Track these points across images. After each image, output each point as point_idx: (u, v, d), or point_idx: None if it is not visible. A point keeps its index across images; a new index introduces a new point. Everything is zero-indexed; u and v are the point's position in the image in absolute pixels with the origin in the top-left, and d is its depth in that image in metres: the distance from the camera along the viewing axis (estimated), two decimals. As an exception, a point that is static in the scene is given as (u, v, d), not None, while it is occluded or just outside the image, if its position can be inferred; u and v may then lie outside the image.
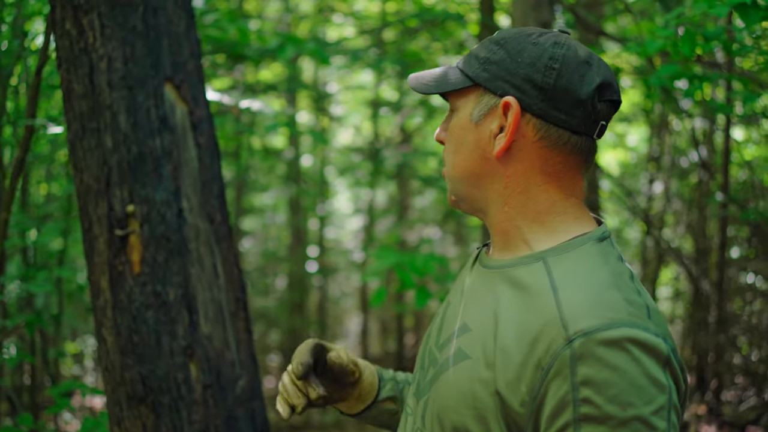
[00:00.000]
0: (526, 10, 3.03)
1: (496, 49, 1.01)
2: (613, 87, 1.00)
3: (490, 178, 1.02)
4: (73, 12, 1.63)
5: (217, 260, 1.75)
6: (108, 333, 1.65)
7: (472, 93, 1.03)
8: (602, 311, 0.87)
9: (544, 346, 0.88)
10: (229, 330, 1.75)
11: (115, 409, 1.66)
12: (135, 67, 1.65)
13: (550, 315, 0.89)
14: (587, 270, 0.93)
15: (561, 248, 0.97)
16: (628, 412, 0.83)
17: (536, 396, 0.87)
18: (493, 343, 0.94)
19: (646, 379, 0.84)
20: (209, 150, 1.78)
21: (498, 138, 1.00)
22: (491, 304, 0.98)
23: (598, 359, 0.84)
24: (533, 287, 0.94)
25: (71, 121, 1.67)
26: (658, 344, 0.86)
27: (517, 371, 0.89)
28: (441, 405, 0.99)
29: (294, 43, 3.31)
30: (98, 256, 1.66)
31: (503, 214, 1.02)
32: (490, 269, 1.04)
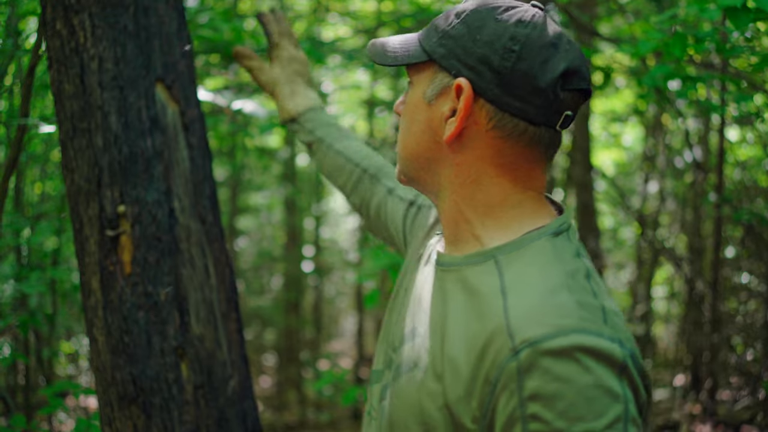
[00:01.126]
0: (519, 11, 3.04)
1: (456, 22, 0.91)
2: (581, 74, 0.89)
3: (439, 163, 0.95)
4: (63, 12, 1.63)
5: (209, 261, 1.75)
6: (99, 333, 1.65)
7: (428, 69, 0.94)
8: (550, 318, 0.80)
9: (490, 357, 0.81)
10: (221, 330, 1.75)
11: (106, 409, 1.66)
12: (126, 68, 1.65)
13: (496, 323, 0.82)
14: (538, 270, 0.86)
15: (513, 245, 0.89)
16: (578, 427, 0.76)
17: (486, 412, 0.81)
18: (440, 353, 0.88)
19: (597, 390, 0.76)
20: (201, 150, 1.78)
21: (449, 122, 0.91)
22: (440, 308, 0.92)
23: (545, 371, 0.77)
24: (483, 291, 0.87)
25: (62, 121, 1.67)
26: (612, 351, 0.78)
27: (467, 386, 0.83)
28: (393, 415, 0.94)
29: (288, 42, 3.30)
30: (89, 257, 1.65)
31: (452, 204, 0.95)
32: (441, 267, 0.96)
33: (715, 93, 4.05)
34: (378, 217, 1.35)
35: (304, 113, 1.49)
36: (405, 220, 1.24)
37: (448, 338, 0.88)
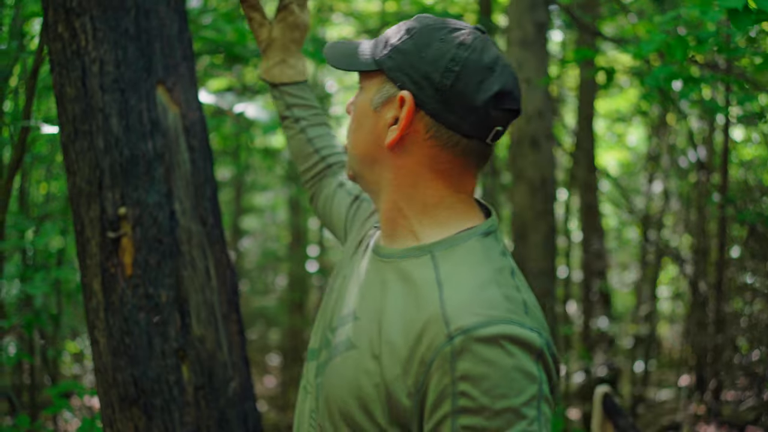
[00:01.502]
0: (521, 11, 3.03)
1: (407, 38, 1.00)
2: (513, 95, 0.99)
3: (381, 165, 1.04)
4: (65, 15, 1.63)
5: (210, 262, 1.76)
6: (100, 335, 1.66)
7: (377, 77, 1.03)
8: (481, 309, 0.91)
9: (427, 341, 0.91)
10: (222, 332, 1.76)
11: (107, 410, 1.67)
12: (127, 70, 1.65)
13: (433, 312, 0.92)
14: (470, 266, 0.96)
15: (448, 242, 1.00)
16: (500, 404, 0.87)
17: (420, 389, 0.92)
18: (378, 335, 0.97)
19: (518, 372, 0.88)
20: (202, 152, 1.78)
21: (391, 129, 1.01)
22: (379, 295, 1.01)
23: (475, 355, 0.88)
24: (420, 282, 0.97)
25: (64, 123, 1.67)
26: (532, 339, 0.90)
27: (404, 366, 0.93)
28: (329, 391, 1.03)
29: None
30: (90, 259, 1.66)
31: (391, 203, 1.04)
32: (381, 258, 1.05)
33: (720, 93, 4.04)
34: (325, 206, 1.45)
35: (288, 85, 1.52)
36: (348, 212, 1.35)
37: (386, 323, 0.97)
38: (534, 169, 3.11)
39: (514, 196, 3.23)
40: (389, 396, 0.94)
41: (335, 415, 1.01)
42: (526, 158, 3.09)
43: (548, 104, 3.13)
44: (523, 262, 3.17)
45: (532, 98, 3.09)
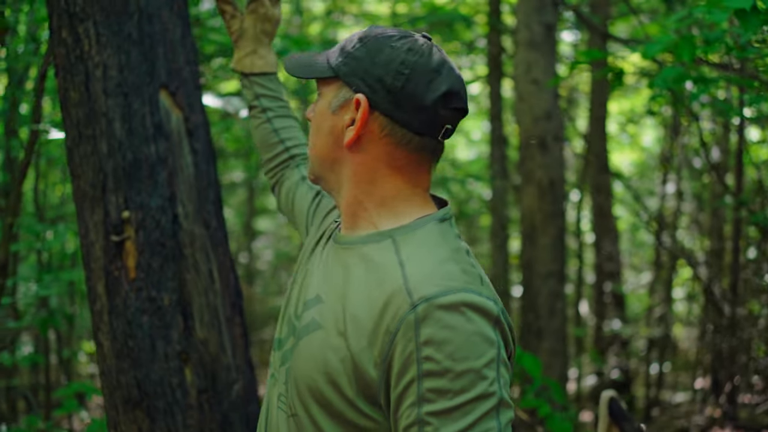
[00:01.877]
0: (529, 12, 3.02)
1: (359, 45, 1.09)
2: (459, 95, 1.07)
3: (341, 164, 1.11)
4: (69, 20, 1.65)
5: (213, 266, 1.76)
6: (104, 337, 1.67)
7: (334, 83, 1.11)
8: (441, 280, 0.98)
9: (391, 312, 0.98)
10: (225, 335, 1.76)
11: (111, 412, 1.68)
12: (130, 75, 1.66)
13: (396, 286, 0.99)
14: (430, 247, 1.04)
15: (407, 228, 1.07)
16: (462, 365, 0.93)
17: (386, 357, 0.97)
18: (342, 313, 1.04)
19: (478, 336, 0.95)
20: (205, 156, 1.79)
21: (348, 129, 1.08)
22: (342, 277, 1.08)
23: (437, 321, 0.95)
24: (382, 263, 1.04)
25: (68, 127, 1.69)
26: (489, 306, 0.97)
27: (369, 338, 0.99)
28: (297, 371, 1.08)
29: (298, 45, 3.32)
30: (95, 262, 1.67)
31: (352, 197, 1.11)
32: (342, 245, 1.12)
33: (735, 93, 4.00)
34: (287, 197, 1.50)
35: (258, 75, 1.58)
36: (310, 206, 1.42)
37: (349, 301, 1.04)
38: (542, 171, 3.10)
39: (523, 198, 3.21)
40: (356, 368, 1.00)
41: (304, 394, 1.06)
42: (535, 160, 3.07)
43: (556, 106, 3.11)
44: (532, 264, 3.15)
45: (540, 100, 3.07)
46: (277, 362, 1.18)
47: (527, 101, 3.09)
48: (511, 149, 5.74)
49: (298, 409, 1.08)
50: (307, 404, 1.06)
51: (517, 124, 3.26)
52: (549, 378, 2.90)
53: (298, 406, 1.08)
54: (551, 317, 3.18)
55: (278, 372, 1.17)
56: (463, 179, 5.73)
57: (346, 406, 1.02)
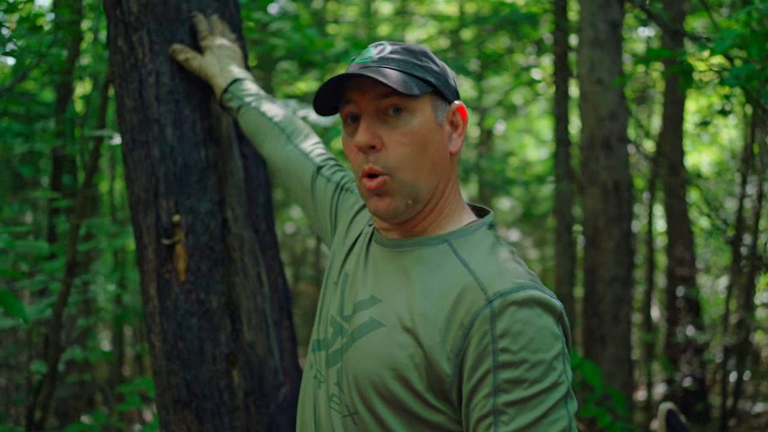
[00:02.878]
0: (593, 10, 2.93)
1: (426, 60, 1.13)
2: None
3: (445, 175, 1.15)
4: (124, 29, 1.69)
5: (262, 269, 1.78)
6: (156, 338, 1.71)
7: (426, 97, 1.12)
8: (512, 278, 1.03)
9: (465, 307, 1.02)
10: (273, 338, 1.77)
11: (162, 412, 1.72)
12: (182, 82, 1.69)
13: (467, 282, 1.04)
14: (488, 248, 1.10)
15: (460, 232, 1.13)
16: (536, 356, 0.98)
17: (459, 351, 1.01)
18: (408, 311, 1.07)
19: (547, 330, 1.00)
20: (255, 160, 1.81)
21: (453, 137, 1.14)
22: (402, 278, 1.11)
23: (512, 315, 0.99)
24: (443, 264, 1.09)
25: (123, 134, 1.73)
26: (553, 304, 1.02)
27: (442, 333, 1.03)
28: (357, 370, 1.10)
29: (359, 47, 3.33)
30: (147, 264, 1.71)
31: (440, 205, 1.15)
32: (392, 248, 1.16)
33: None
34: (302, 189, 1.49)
35: (233, 83, 1.63)
36: (332, 200, 1.42)
37: (415, 300, 1.07)
38: (607, 173, 3.00)
39: (586, 200, 3.12)
40: (428, 363, 1.03)
41: (368, 391, 1.08)
42: (598, 161, 2.98)
43: (622, 106, 3.01)
44: (595, 268, 3.06)
45: (604, 99, 2.97)
46: (322, 363, 1.20)
47: (591, 101, 3.00)
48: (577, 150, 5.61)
49: (358, 408, 1.10)
50: (372, 402, 1.08)
51: (581, 125, 3.17)
52: (611, 386, 2.81)
53: (358, 404, 1.10)
54: (615, 323, 3.08)
55: (325, 373, 1.18)
56: (528, 181, 5.63)
57: (414, 401, 1.04)
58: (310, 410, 1.21)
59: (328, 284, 1.27)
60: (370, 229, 1.24)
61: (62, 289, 2.35)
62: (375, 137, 1.09)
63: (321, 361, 1.21)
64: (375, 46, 1.14)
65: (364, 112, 1.09)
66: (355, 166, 1.12)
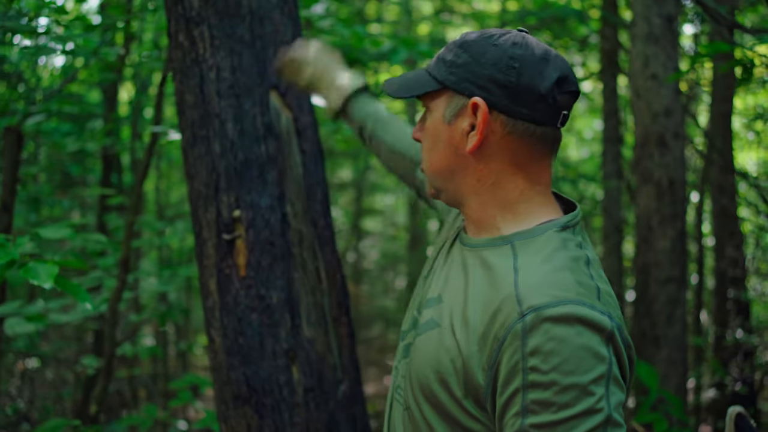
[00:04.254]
0: (648, 3, 2.87)
1: (460, 52, 1.08)
2: (570, 79, 1.07)
3: (463, 173, 1.11)
4: (185, 24, 1.70)
5: (320, 265, 1.77)
6: (216, 334, 1.71)
7: (442, 95, 1.10)
8: (553, 290, 0.96)
9: (501, 320, 0.97)
10: (332, 334, 1.76)
11: (221, 407, 1.72)
12: (242, 76, 1.69)
13: (507, 293, 0.99)
14: (547, 255, 1.03)
15: (528, 233, 1.06)
16: (568, 380, 0.91)
17: (493, 364, 0.97)
18: (459, 315, 1.05)
19: (586, 351, 0.92)
20: (313, 156, 1.80)
21: (470, 135, 1.08)
22: (462, 280, 1.09)
23: (545, 332, 0.93)
24: (498, 268, 1.04)
25: (184, 129, 1.74)
26: (602, 321, 0.94)
27: (479, 343, 1.00)
28: (413, 367, 1.11)
29: (407, 46, 3.31)
30: (207, 260, 1.72)
31: (477, 205, 1.11)
32: (466, 247, 1.13)
33: None
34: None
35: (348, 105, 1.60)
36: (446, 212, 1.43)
37: (466, 304, 1.05)
38: (661, 171, 2.93)
39: (639, 198, 3.06)
40: (466, 371, 1.01)
41: (417, 390, 1.08)
42: (653, 159, 2.92)
43: (677, 101, 2.94)
44: (648, 268, 2.99)
45: (659, 95, 2.91)
46: (400, 354, 1.21)
47: (645, 97, 2.93)
48: (625, 148, 5.51)
49: (411, 404, 1.10)
50: (419, 400, 1.08)
51: (634, 122, 3.11)
52: (666, 390, 2.74)
53: (411, 400, 1.10)
54: (670, 325, 3.01)
55: (400, 364, 1.20)
56: (575, 179, 5.55)
57: (454, 406, 1.03)
58: (390, 397, 1.22)
59: (420, 278, 1.28)
60: (461, 226, 1.22)
61: (117, 285, 2.37)
62: (417, 132, 1.18)
63: (400, 352, 1.22)
64: None
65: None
66: None
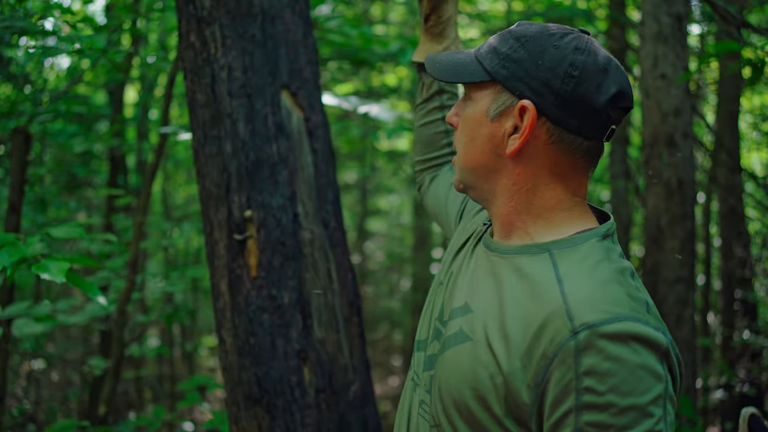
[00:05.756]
0: (657, 3, 2.86)
1: (517, 46, 1.01)
2: (627, 95, 1.00)
3: (499, 174, 1.04)
4: (197, 24, 1.69)
5: (332, 265, 1.76)
6: (227, 334, 1.70)
7: (489, 87, 1.03)
8: (606, 306, 0.90)
9: (549, 336, 0.91)
10: (343, 335, 1.76)
11: (233, 408, 1.71)
12: (254, 76, 1.69)
13: (555, 305, 0.92)
14: (591, 265, 0.96)
15: (565, 242, 1.00)
16: (627, 401, 0.87)
17: (540, 383, 0.91)
18: (496, 328, 0.98)
19: (644, 370, 0.88)
20: (324, 156, 1.80)
21: (512, 138, 1.01)
22: (495, 288, 1.02)
23: (600, 351, 0.88)
24: (538, 277, 0.97)
25: (195, 129, 1.74)
26: (657, 338, 0.89)
27: (523, 360, 0.93)
28: (443, 382, 1.03)
29: (415, 46, 3.31)
30: (218, 260, 1.71)
31: (509, 208, 1.05)
32: (494, 253, 1.06)
33: None
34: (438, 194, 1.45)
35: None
36: (461, 205, 1.37)
37: (502, 316, 0.98)
38: (670, 171, 2.92)
39: (648, 199, 3.05)
40: (507, 388, 0.94)
41: (450, 406, 1.01)
42: (662, 159, 2.91)
43: (686, 101, 2.93)
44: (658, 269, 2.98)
45: (668, 95, 2.90)
46: (420, 365, 1.14)
47: (654, 97, 2.92)
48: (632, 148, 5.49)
49: (442, 421, 1.03)
50: (453, 418, 1.01)
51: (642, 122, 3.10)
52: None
53: (442, 417, 1.03)
54: (679, 326, 2.99)
55: (421, 376, 1.13)
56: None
57: (493, 425, 0.96)
58: (406, 411, 1.15)
59: (434, 282, 1.21)
60: (483, 228, 1.16)
61: (126, 286, 2.36)
62: (454, 116, 1.11)
63: (419, 363, 1.15)
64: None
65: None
66: None
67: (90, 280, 3.00)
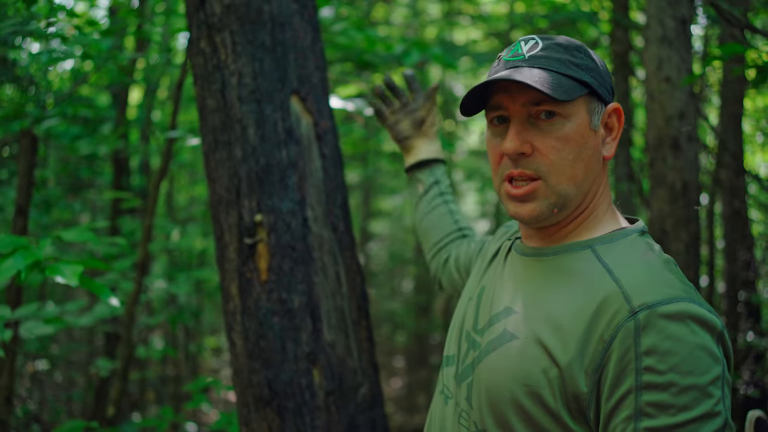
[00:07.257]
0: (662, 6, 2.87)
1: (582, 56, 1.04)
2: None
3: (598, 180, 1.07)
4: (207, 31, 1.71)
5: (341, 269, 1.78)
6: (237, 337, 1.72)
7: (580, 99, 1.04)
8: (663, 287, 0.92)
9: (606, 319, 0.92)
10: (352, 338, 1.77)
11: (243, 410, 1.72)
12: (263, 82, 1.70)
13: (610, 290, 0.94)
14: (639, 255, 0.99)
15: (606, 238, 1.03)
16: (687, 380, 0.87)
17: (598, 366, 0.92)
18: (544, 323, 0.98)
19: (702, 351, 0.88)
20: (333, 160, 1.81)
21: (607, 141, 1.06)
22: (538, 289, 1.03)
23: (660, 330, 0.88)
24: (585, 271, 0.99)
25: (205, 134, 1.75)
26: (713, 320, 0.90)
27: (579, 347, 0.93)
28: (489, 384, 1.03)
29: (419, 48, 3.32)
30: (229, 264, 1.72)
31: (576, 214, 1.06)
32: (531, 257, 1.08)
33: None
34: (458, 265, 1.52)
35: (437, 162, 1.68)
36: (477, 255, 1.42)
37: (550, 311, 0.99)
38: (675, 173, 2.93)
39: (652, 202, 3.06)
40: (563, 379, 0.94)
41: (500, 407, 1.00)
42: (666, 162, 2.92)
43: (691, 104, 2.94)
44: (663, 271, 2.99)
45: (672, 98, 2.91)
46: (451, 379, 1.14)
47: (659, 100, 2.94)
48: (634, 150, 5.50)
49: (487, 424, 1.02)
50: (504, 418, 1.00)
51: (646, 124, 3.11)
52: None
53: (488, 420, 1.02)
54: (683, 328, 3.01)
55: (453, 389, 1.13)
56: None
57: (548, 419, 0.96)
58: (437, 426, 1.15)
59: (462, 301, 1.23)
60: (509, 243, 1.19)
61: (135, 288, 2.38)
62: (525, 143, 1.03)
63: (449, 377, 1.15)
64: (525, 41, 1.05)
65: (514, 116, 1.03)
66: (499, 169, 1.07)
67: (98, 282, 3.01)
